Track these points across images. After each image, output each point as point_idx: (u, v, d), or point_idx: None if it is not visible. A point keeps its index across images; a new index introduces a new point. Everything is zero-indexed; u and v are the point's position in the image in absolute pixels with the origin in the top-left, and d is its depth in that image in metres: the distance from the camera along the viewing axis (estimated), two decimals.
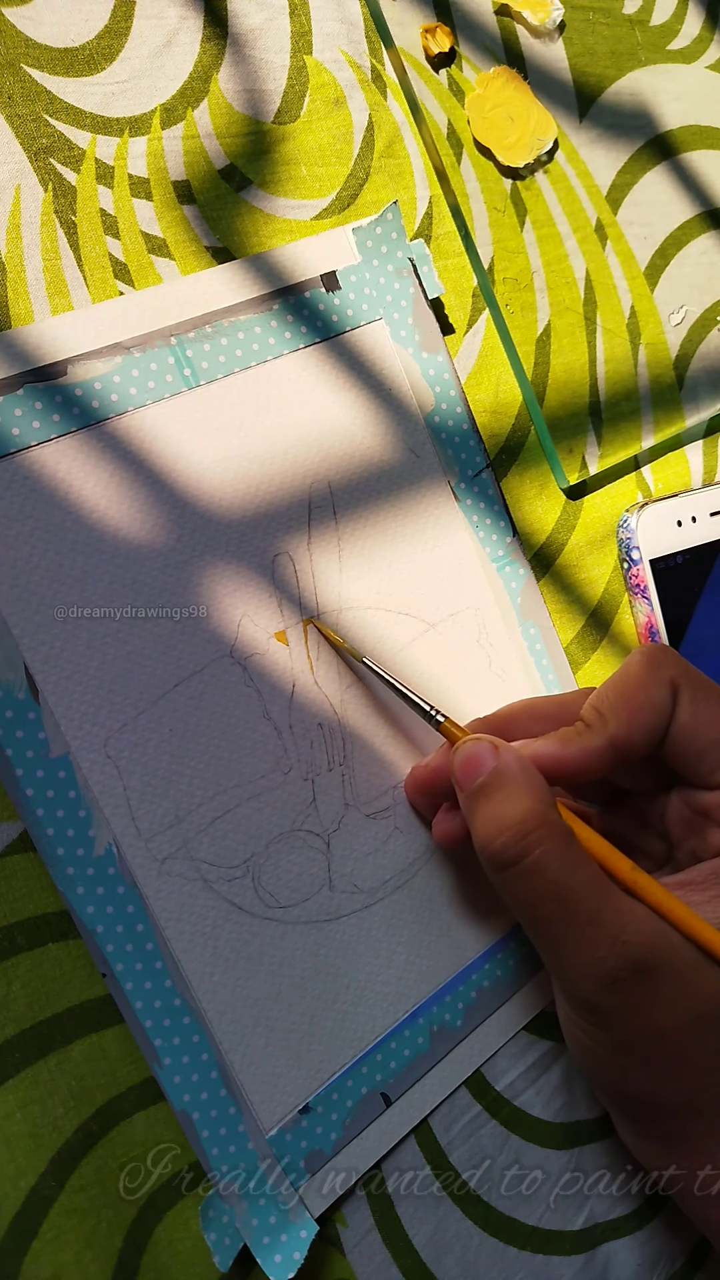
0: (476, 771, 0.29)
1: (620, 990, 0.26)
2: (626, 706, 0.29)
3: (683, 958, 0.26)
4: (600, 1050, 0.28)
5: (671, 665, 0.30)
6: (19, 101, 0.30)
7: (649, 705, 0.29)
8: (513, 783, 0.28)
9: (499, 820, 0.27)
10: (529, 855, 0.27)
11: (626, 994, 0.26)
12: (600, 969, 0.26)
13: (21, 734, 0.28)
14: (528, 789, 0.28)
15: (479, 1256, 0.32)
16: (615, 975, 0.26)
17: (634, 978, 0.26)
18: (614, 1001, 0.26)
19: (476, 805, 0.28)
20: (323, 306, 0.33)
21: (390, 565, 0.34)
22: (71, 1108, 0.28)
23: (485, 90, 0.38)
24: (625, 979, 0.26)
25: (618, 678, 0.30)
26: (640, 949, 0.26)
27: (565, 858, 0.27)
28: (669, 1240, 0.35)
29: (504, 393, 0.38)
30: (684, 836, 0.31)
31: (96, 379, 0.30)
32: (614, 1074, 0.28)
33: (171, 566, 0.30)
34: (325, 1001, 0.31)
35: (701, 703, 0.29)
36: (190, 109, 0.33)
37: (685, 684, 0.30)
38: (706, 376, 0.43)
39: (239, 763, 0.31)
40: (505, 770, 0.28)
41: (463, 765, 0.29)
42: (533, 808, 0.27)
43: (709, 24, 0.45)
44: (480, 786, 0.28)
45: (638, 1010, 0.26)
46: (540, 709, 0.32)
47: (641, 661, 0.30)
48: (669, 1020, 0.26)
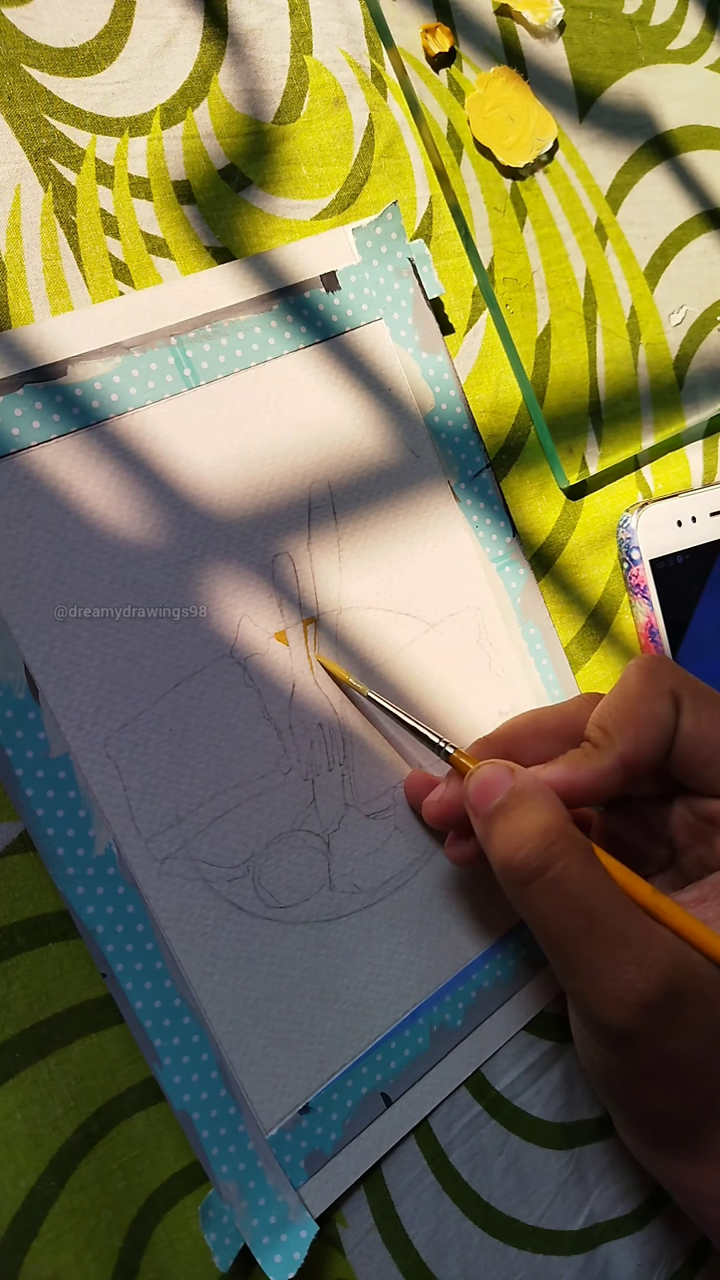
0: (493, 794, 0.28)
1: (649, 1015, 0.25)
2: (631, 722, 0.29)
3: (705, 977, 0.26)
4: (617, 1071, 0.28)
5: (669, 675, 0.30)
6: (19, 101, 0.30)
7: (653, 719, 0.29)
8: (531, 799, 0.28)
9: (520, 833, 0.27)
10: (553, 866, 0.26)
11: (654, 1019, 0.25)
12: (630, 993, 0.25)
13: (21, 734, 0.28)
14: (546, 804, 0.27)
15: (479, 1256, 0.32)
16: (646, 1000, 0.25)
17: (664, 1001, 0.25)
18: (642, 1027, 0.26)
19: (494, 825, 0.28)
20: (323, 306, 0.33)
21: (390, 565, 0.34)
22: (71, 1108, 0.28)
23: (485, 90, 0.38)
24: (655, 1003, 0.25)
25: (618, 693, 0.30)
26: (669, 971, 0.25)
27: (589, 871, 0.26)
28: (669, 1240, 0.35)
29: (504, 393, 0.38)
30: (690, 843, 0.31)
31: (96, 379, 0.30)
32: (629, 1093, 0.28)
33: (171, 566, 0.30)
34: (325, 1001, 0.31)
35: (704, 711, 0.29)
36: (190, 109, 0.33)
37: (685, 693, 0.29)
38: (706, 376, 0.43)
39: (239, 763, 0.31)
40: (523, 789, 0.28)
41: (477, 790, 0.29)
42: (555, 819, 0.27)
43: (709, 24, 0.45)
44: (497, 806, 0.28)
45: (663, 1034, 0.26)
46: (542, 723, 0.31)
47: (639, 674, 0.30)
48: (692, 1041, 0.26)
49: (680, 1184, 0.29)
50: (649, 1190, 0.35)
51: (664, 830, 0.31)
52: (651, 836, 0.32)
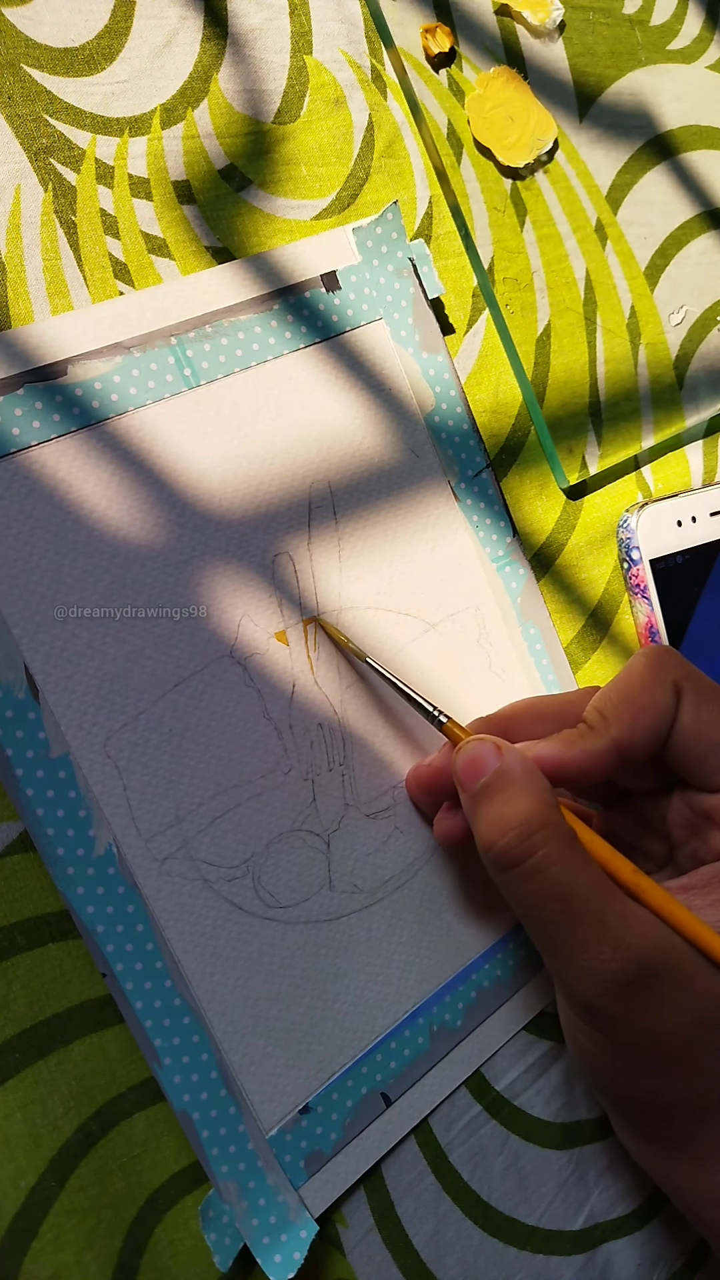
0: (479, 772, 0.29)
1: (623, 994, 0.26)
2: (629, 708, 0.29)
3: (685, 961, 0.26)
4: (601, 1053, 0.28)
5: (674, 667, 0.30)
6: (19, 101, 0.30)
7: (652, 707, 0.29)
8: (516, 783, 0.28)
9: (503, 821, 0.27)
10: (532, 856, 0.27)
11: (630, 998, 0.26)
12: (604, 972, 0.26)
13: (21, 734, 0.28)
14: (531, 789, 0.28)
15: (479, 1256, 0.32)
16: (619, 979, 0.26)
17: (637, 981, 0.26)
18: (617, 1005, 0.26)
19: (479, 806, 0.28)
20: (323, 306, 0.33)
21: (390, 565, 0.34)
22: (71, 1108, 0.28)
23: (485, 90, 0.38)
24: (629, 983, 0.26)
25: (620, 679, 0.30)
26: (644, 952, 0.26)
27: (569, 859, 0.27)
28: (669, 1240, 0.35)
29: (504, 393, 0.38)
30: (685, 838, 0.31)
31: (96, 379, 0.30)
32: (615, 1077, 0.28)
33: (171, 566, 0.30)
34: (325, 1001, 0.31)
35: (704, 705, 0.29)
36: (190, 109, 0.33)
37: (688, 686, 0.29)
38: (706, 376, 0.43)
39: (239, 763, 0.31)
40: (508, 771, 0.28)
41: (465, 766, 0.29)
42: (536, 808, 0.27)
43: (709, 24, 0.45)
44: (483, 787, 0.28)
45: (640, 1014, 0.26)
46: (543, 708, 0.32)
47: (644, 663, 0.30)
48: (671, 1024, 0.26)
49: (675, 1185, 0.29)
50: (649, 1190, 0.35)
51: (661, 825, 0.31)
52: (649, 832, 0.32)
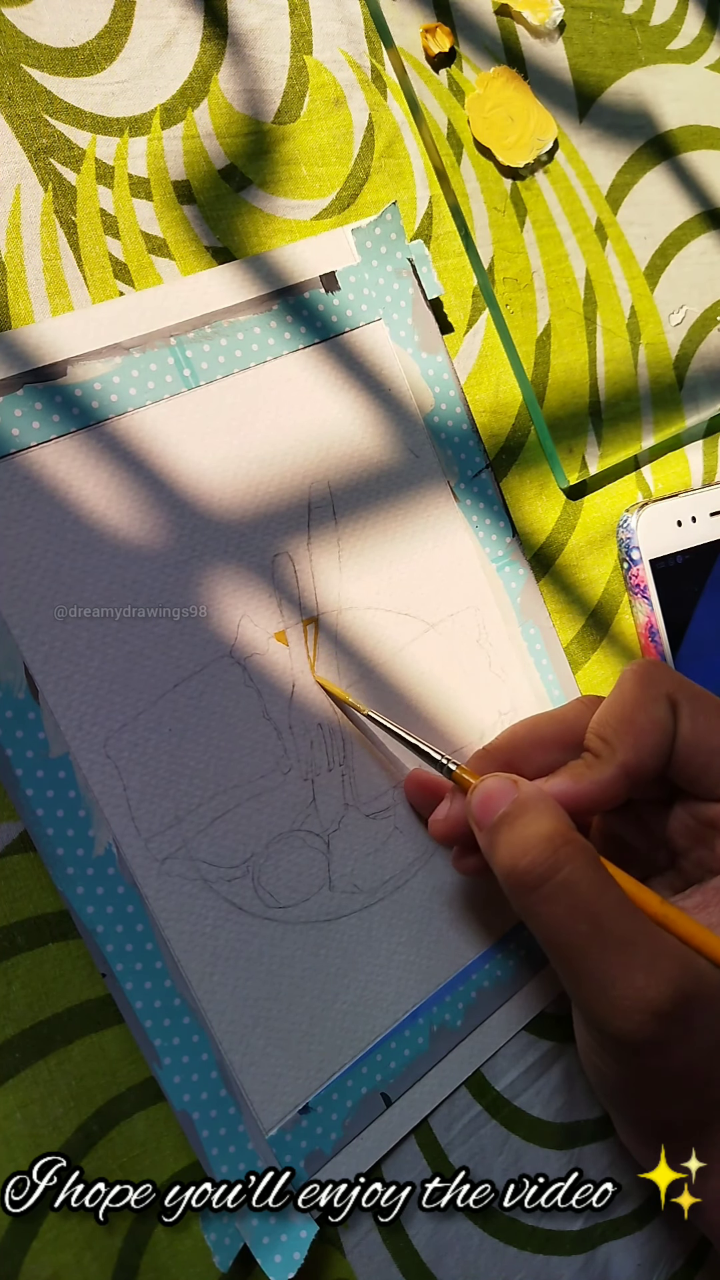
0: (496, 806, 0.28)
1: (658, 1024, 0.25)
2: (630, 730, 0.29)
3: (711, 983, 0.26)
4: (622, 1078, 0.27)
5: (666, 680, 0.30)
6: (19, 101, 0.30)
7: (652, 725, 0.29)
8: (535, 808, 0.28)
9: (524, 840, 0.27)
10: (559, 872, 0.26)
11: (663, 1028, 0.25)
12: (640, 1001, 0.25)
13: (21, 734, 0.28)
14: (550, 811, 0.27)
15: (479, 1257, 0.32)
16: (657, 1008, 0.25)
17: (674, 1009, 0.25)
18: (652, 1035, 0.25)
19: (498, 835, 0.28)
20: (322, 307, 0.33)
21: (390, 565, 0.34)
22: (71, 1108, 0.28)
23: (485, 90, 0.38)
24: (665, 1012, 0.25)
25: (615, 701, 0.30)
26: (678, 978, 0.25)
27: (595, 876, 0.26)
28: (669, 1241, 0.35)
29: (504, 393, 0.38)
30: (690, 846, 0.31)
31: (96, 379, 0.30)
32: (634, 1101, 0.28)
33: (171, 566, 0.30)
34: (325, 1001, 0.31)
35: (700, 715, 0.29)
36: (190, 109, 0.33)
37: (682, 698, 0.29)
38: (706, 376, 0.43)
39: (239, 763, 0.31)
40: (527, 799, 0.28)
41: (481, 803, 0.28)
42: (558, 826, 0.27)
43: (709, 24, 0.45)
44: (502, 817, 0.28)
45: (675, 1042, 0.25)
46: (541, 731, 0.31)
47: (635, 680, 0.30)
48: (700, 1049, 0.26)
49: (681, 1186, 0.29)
50: (649, 1190, 0.35)
51: (663, 833, 0.31)
52: (650, 839, 0.32)
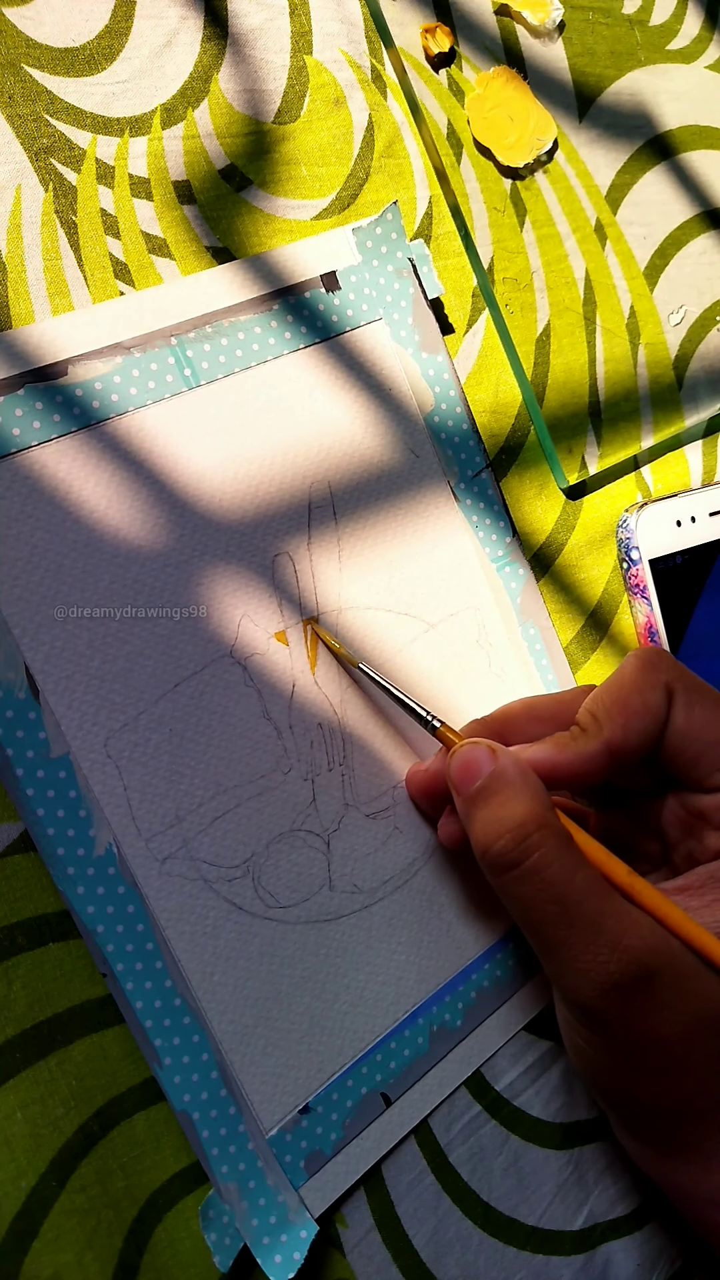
0: (473, 776, 0.29)
1: (621, 996, 0.26)
2: (622, 711, 0.29)
3: (682, 963, 0.26)
4: (599, 1055, 0.28)
5: (666, 669, 0.30)
6: (19, 101, 0.30)
7: (644, 709, 0.29)
8: (510, 786, 0.28)
9: (498, 823, 0.27)
10: (529, 858, 0.27)
11: (627, 1000, 0.26)
12: (601, 974, 0.26)
13: (22, 734, 0.28)
14: (526, 791, 0.28)
15: (479, 1257, 0.32)
16: (617, 981, 0.26)
17: (635, 983, 0.26)
18: (615, 1007, 0.26)
19: (474, 809, 0.28)
20: (323, 307, 0.33)
21: (390, 565, 0.34)
22: (72, 1108, 0.28)
23: (485, 90, 0.38)
24: (627, 984, 0.26)
25: (613, 681, 0.30)
26: (641, 954, 0.26)
27: (565, 860, 0.27)
28: (668, 1241, 0.35)
29: (504, 393, 0.38)
30: (681, 838, 0.31)
31: (97, 379, 0.30)
32: (612, 1079, 0.28)
33: (171, 566, 0.30)
34: (325, 1001, 0.31)
35: (697, 706, 0.29)
36: (190, 109, 0.33)
37: (680, 687, 0.30)
38: (706, 376, 0.43)
39: (239, 762, 0.31)
40: (503, 773, 0.28)
41: (459, 770, 0.29)
42: (532, 810, 0.27)
43: (708, 24, 0.45)
44: (478, 790, 0.28)
45: (638, 1016, 0.26)
46: (538, 708, 0.32)
47: (636, 665, 0.30)
48: (668, 1026, 0.26)
49: (675, 1185, 0.29)
50: (648, 1191, 0.35)
51: (656, 825, 0.32)
52: (645, 832, 0.32)
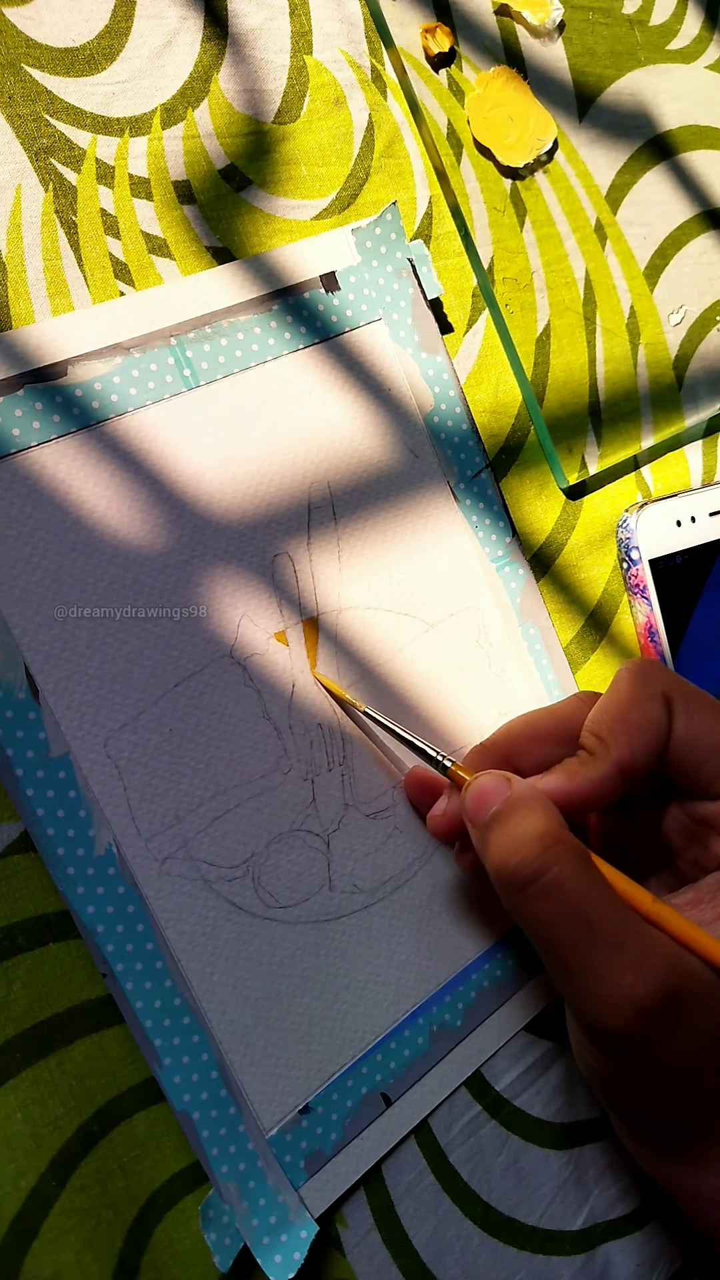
0: (489, 804, 0.28)
1: (647, 1020, 0.25)
2: (625, 728, 0.29)
3: (702, 980, 0.26)
4: (617, 1076, 0.27)
5: (661, 679, 0.30)
6: (19, 101, 0.30)
7: (646, 723, 0.29)
8: (527, 805, 0.28)
9: (515, 839, 0.27)
10: (548, 871, 0.26)
11: (652, 1023, 0.25)
12: (627, 997, 0.25)
13: (22, 734, 0.28)
14: (543, 809, 0.27)
15: (479, 1257, 0.32)
16: (643, 1005, 0.25)
17: (661, 1005, 0.25)
18: (640, 1032, 0.25)
19: (490, 833, 0.28)
20: (322, 307, 0.33)
21: (390, 565, 0.34)
22: (72, 1108, 0.28)
23: (485, 90, 0.38)
24: (653, 1008, 0.25)
25: (610, 699, 0.30)
26: (665, 974, 0.25)
27: (584, 875, 0.26)
28: (668, 1241, 0.35)
29: (504, 393, 0.38)
30: (685, 845, 0.31)
31: (96, 379, 0.30)
32: (624, 1096, 0.28)
33: (171, 566, 0.30)
34: (325, 1001, 0.31)
35: (695, 713, 0.29)
36: (190, 109, 0.33)
37: (677, 696, 0.29)
38: (706, 376, 0.43)
39: (239, 763, 0.31)
40: (519, 797, 0.28)
41: (474, 801, 0.29)
42: (550, 825, 0.27)
43: (708, 24, 0.45)
44: (494, 815, 0.28)
45: (664, 1039, 0.26)
46: (538, 727, 0.31)
47: (631, 679, 0.30)
48: (690, 1045, 0.26)
49: (679, 1187, 0.29)
50: (648, 1191, 0.35)
51: (659, 832, 0.31)
52: (647, 838, 0.32)
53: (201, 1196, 0.29)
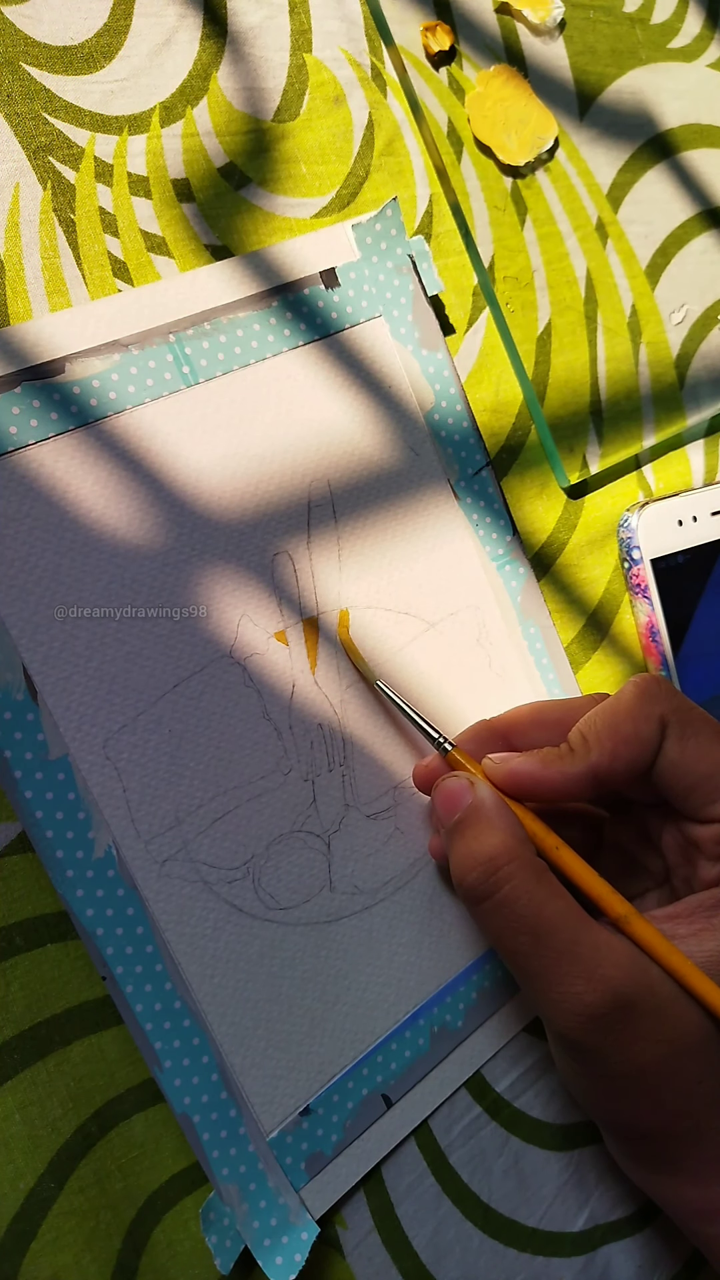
0: (454, 807, 0.29)
1: (600, 1027, 0.26)
2: (612, 737, 0.29)
3: (660, 990, 0.26)
4: (583, 1081, 0.28)
5: (664, 700, 0.30)
6: (18, 99, 0.30)
7: (634, 739, 0.29)
8: (485, 819, 0.28)
9: (471, 856, 0.28)
10: (499, 890, 0.27)
11: (606, 1030, 0.26)
12: (579, 1005, 0.26)
13: (20, 735, 0.28)
14: (500, 824, 0.28)
15: (479, 1258, 0.32)
16: (594, 1012, 0.26)
17: (613, 1013, 0.26)
18: (594, 1037, 0.26)
19: (453, 842, 0.29)
20: (322, 304, 0.33)
21: (390, 564, 0.34)
22: (70, 1109, 0.28)
23: (485, 88, 0.38)
24: (604, 1015, 0.26)
25: (609, 706, 0.30)
26: (618, 983, 0.26)
27: (535, 892, 0.27)
28: (669, 1243, 0.35)
29: (504, 391, 0.38)
30: (679, 863, 0.31)
31: (95, 377, 0.29)
32: (595, 1101, 0.29)
33: (171, 566, 0.30)
34: (326, 1003, 0.31)
35: (691, 738, 0.29)
36: (189, 107, 0.33)
37: (676, 719, 0.29)
38: (707, 375, 0.43)
39: (239, 763, 0.31)
40: (479, 807, 0.29)
41: (442, 801, 0.30)
42: (504, 843, 0.28)
43: (709, 23, 0.45)
44: (456, 823, 0.29)
45: (618, 1045, 0.26)
46: (546, 715, 0.32)
47: (634, 693, 0.30)
48: (649, 1054, 0.26)
49: (664, 1199, 0.29)
50: None
51: (659, 844, 0.31)
52: (651, 848, 0.32)
53: (200, 1198, 0.29)
